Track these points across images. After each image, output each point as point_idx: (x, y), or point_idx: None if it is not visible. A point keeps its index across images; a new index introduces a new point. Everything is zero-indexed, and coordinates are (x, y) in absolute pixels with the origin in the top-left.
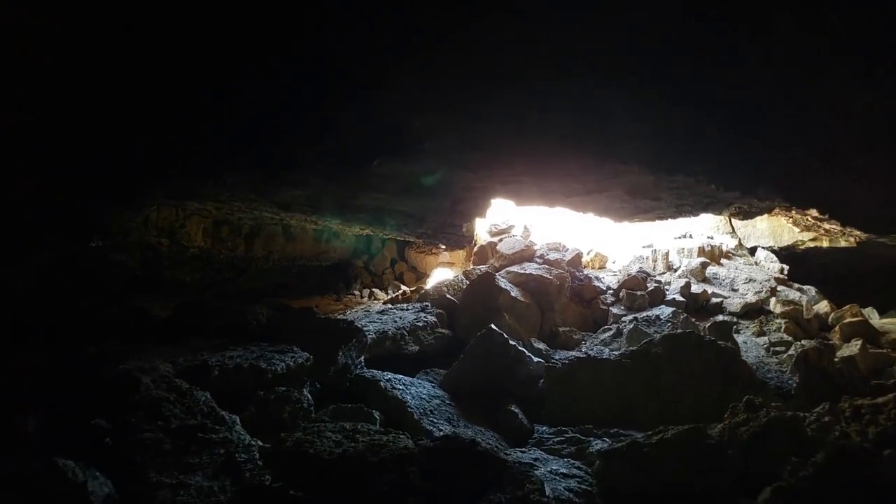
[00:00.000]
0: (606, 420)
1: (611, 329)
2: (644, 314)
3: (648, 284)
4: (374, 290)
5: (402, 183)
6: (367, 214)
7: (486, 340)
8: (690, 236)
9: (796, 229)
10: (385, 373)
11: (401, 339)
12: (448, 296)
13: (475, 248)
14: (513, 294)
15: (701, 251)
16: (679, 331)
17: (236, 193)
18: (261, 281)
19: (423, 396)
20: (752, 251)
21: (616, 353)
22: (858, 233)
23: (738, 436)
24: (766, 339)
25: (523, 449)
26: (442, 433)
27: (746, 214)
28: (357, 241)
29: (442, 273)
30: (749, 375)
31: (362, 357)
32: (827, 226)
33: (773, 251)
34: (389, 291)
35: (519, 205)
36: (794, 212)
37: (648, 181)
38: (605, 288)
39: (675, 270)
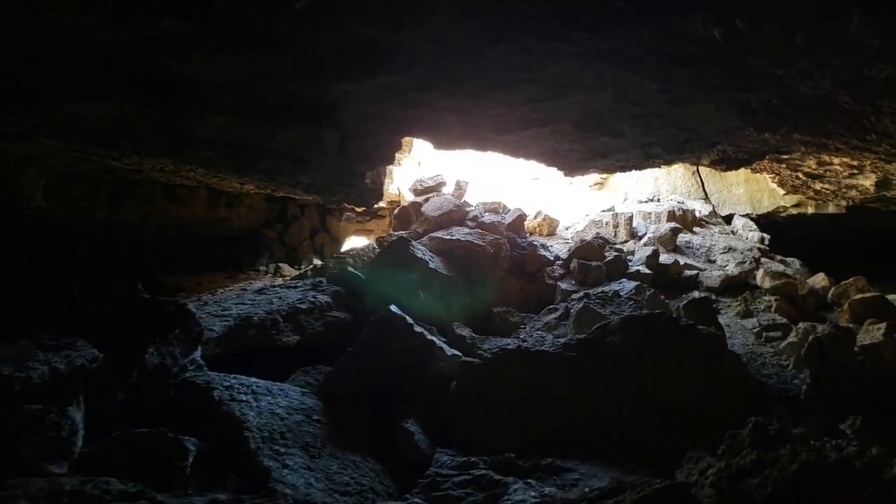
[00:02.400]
0: (540, 444)
1: (557, 309)
2: (599, 290)
3: (606, 253)
4: (282, 265)
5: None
6: (217, 154)
7: (383, 327)
8: (658, 200)
9: (780, 192)
10: (231, 376)
11: (272, 326)
12: (351, 269)
13: (395, 211)
14: (432, 265)
15: (671, 216)
16: (644, 311)
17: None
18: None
19: (279, 411)
20: (728, 219)
21: (561, 341)
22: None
23: (746, 495)
24: (753, 320)
25: (407, 496)
26: (287, 470)
27: (730, 164)
28: (269, 208)
29: (355, 242)
30: (742, 373)
31: (198, 353)
32: (818, 185)
33: (751, 219)
34: (304, 266)
35: (438, 147)
36: (784, 165)
37: (603, 103)
38: (552, 258)
39: (640, 238)
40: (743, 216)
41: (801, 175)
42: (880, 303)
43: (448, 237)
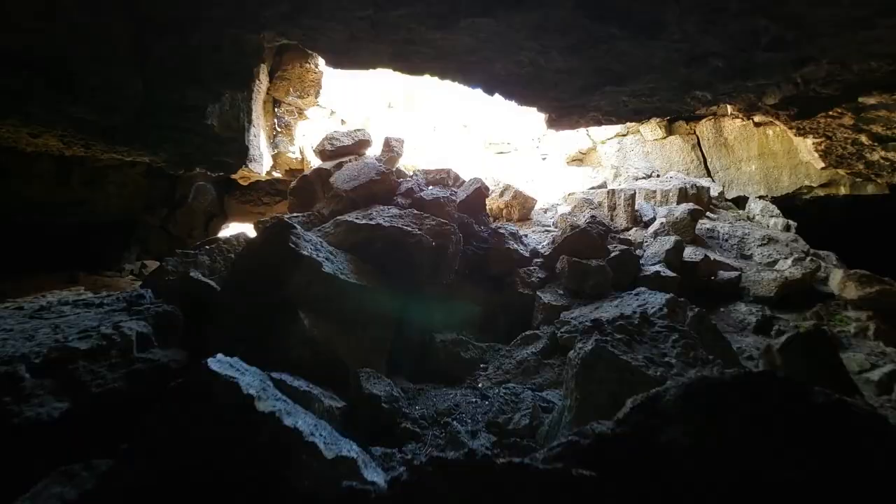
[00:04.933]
0: None
1: (538, 337)
2: (610, 308)
3: (610, 246)
4: (148, 262)
5: None
6: None
7: (189, 404)
8: (657, 175)
9: (814, 166)
10: None
11: (5, 385)
12: (197, 274)
13: (293, 184)
14: (327, 269)
15: (682, 195)
16: (729, 372)
17: None
18: None
19: None
20: (737, 202)
21: (550, 399)
22: None
23: None
24: (858, 357)
25: None
26: None
27: (804, 107)
28: (151, 186)
29: (236, 230)
30: None
31: None
32: (878, 155)
33: (768, 201)
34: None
35: (334, 62)
36: (856, 119)
37: None
38: (528, 253)
39: (648, 224)
40: (758, 198)
41: (864, 139)
42: None
43: (363, 222)
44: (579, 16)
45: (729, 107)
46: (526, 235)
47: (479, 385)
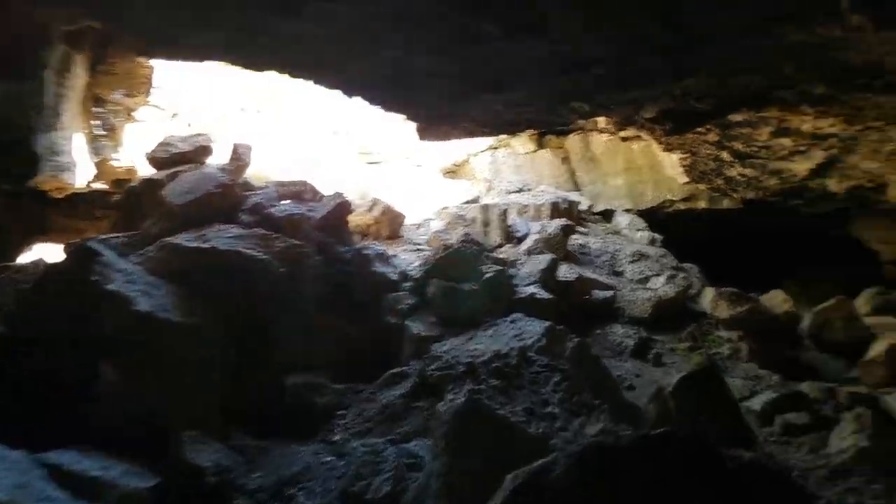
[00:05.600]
0: None
1: (406, 376)
2: (484, 340)
3: (483, 266)
4: None
5: None
6: None
7: None
8: (529, 189)
9: (677, 181)
10: None
11: None
12: None
13: (116, 197)
14: (140, 307)
15: (555, 210)
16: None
17: None
18: None
19: None
20: (605, 215)
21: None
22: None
23: None
24: (730, 382)
25: None
26: None
27: (678, 123)
28: None
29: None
30: None
31: None
32: (736, 171)
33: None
34: None
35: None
36: (722, 136)
37: None
38: (397, 277)
39: (521, 241)
40: (624, 211)
41: (725, 155)
42: None
43: (194, 245)
44: (448, 7)
45: (598, 121)
46: (395, 256)
47: (336, 438)
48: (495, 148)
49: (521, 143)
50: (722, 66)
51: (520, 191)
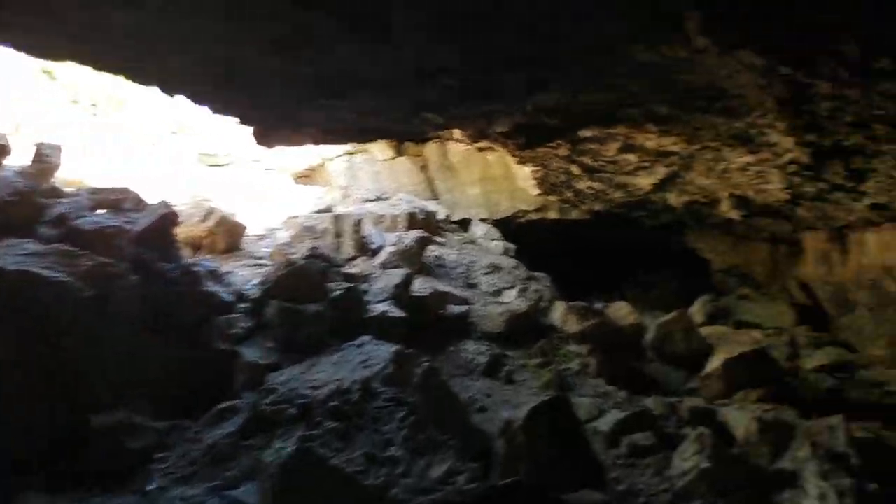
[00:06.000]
0: None
1: (236, 411)
2: (327, 368)
3: (331, 286)
4: None
5: None
6: None
7: None
8: (387, 198)
9: (530, 192)
10: None
11: None
12: None
13: None
14: None
15: (412, 220)
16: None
17: None
18: None
19: None
20: (463, 224)
21: None
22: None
23: None
24: (585, 402)
25: None
26: None
27: (531, 137)
28: None
29: None
30: None
31: None
32: (585, 184)
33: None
34: None
35: None
36: (574, 151)
37: None
38: (231, 297)
39: (376, 253)
40: (480, 220)
41: (574, 169)
42: (758, 359)
43: None
44: (282, 2)
45: (454, 131)
46: (231, 272)
47: (152, 486)
48: (352, 153)
49: (380, 149)
50: (574, 84)
51: (377, 199)
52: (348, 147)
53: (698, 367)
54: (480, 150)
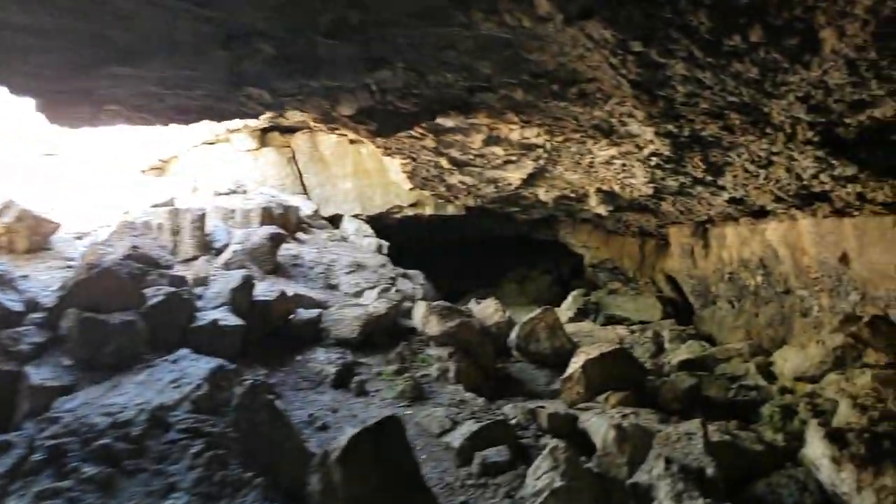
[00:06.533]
0: None
1: (12, 445)
2: (130, 390)
3: (149, 291)
4: None
5: None
6: None
7: None
8: (244, 191)
9: (403, 187)
10: None
11: None
12: None
13: None
14: None
15: (266, 215)
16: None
17: None
18: None
19: None
20: (334, 220)
21: None
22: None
23: None
24: (438, 413)
25: None
26: None
27: (384, 124)
28: None
29: None
30: None
31: None
32: (456, 178)
33: (361, 220)
34: None
35: None
36: (438, 141)
37: None
38: (21, 307)
39: (219, 252)
40: (353, 217)
41: (444, 162)
42: (619, 359)
43: None
44: None
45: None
46: (27, 277)
47: None
48: (211, 143)
49: (242, 140)
50: (417, 60)
51: (232, 193)
52: (207, 137)
53: (563, 367)
54: (353, 142)
